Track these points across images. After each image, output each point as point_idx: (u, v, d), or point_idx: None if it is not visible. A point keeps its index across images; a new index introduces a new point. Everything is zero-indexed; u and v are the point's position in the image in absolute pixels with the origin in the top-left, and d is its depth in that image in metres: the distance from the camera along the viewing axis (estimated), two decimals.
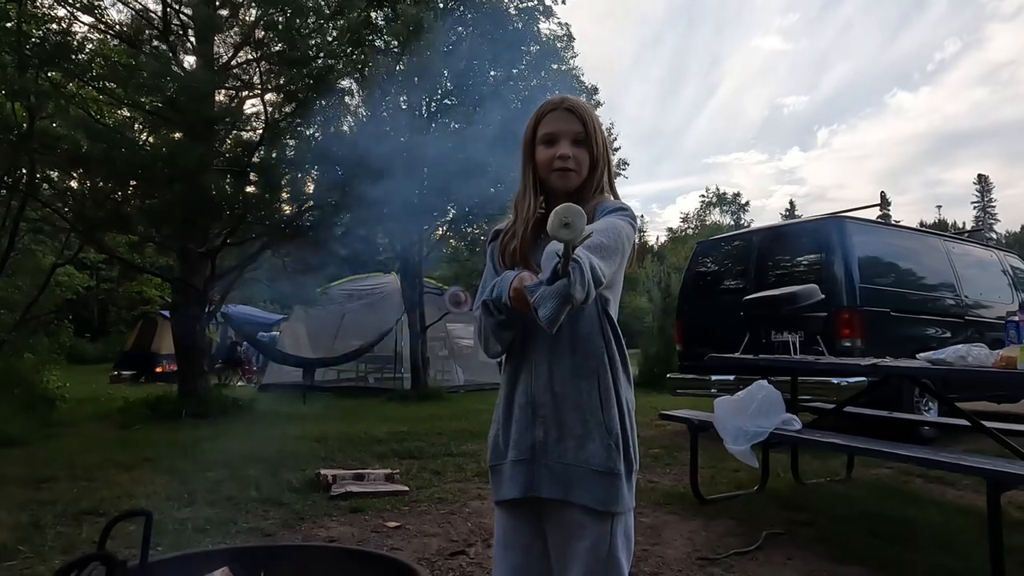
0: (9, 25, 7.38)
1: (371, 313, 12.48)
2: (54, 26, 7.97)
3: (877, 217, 9.76)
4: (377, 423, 7.29)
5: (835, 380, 5.50)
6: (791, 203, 57.32)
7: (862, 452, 3.45)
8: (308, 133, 8.86)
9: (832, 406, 4.49)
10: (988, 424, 3.65)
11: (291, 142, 8.81)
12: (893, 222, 11.27)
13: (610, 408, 1.42)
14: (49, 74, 7.86)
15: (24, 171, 8.17)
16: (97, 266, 18.98)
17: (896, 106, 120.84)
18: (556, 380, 1.45)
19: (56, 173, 9.02)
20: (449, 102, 11.27)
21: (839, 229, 6.15)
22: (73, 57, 7.75)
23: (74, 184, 9.33)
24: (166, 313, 14.31)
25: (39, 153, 7.72)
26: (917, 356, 3.45)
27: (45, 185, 8.83)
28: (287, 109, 8.16)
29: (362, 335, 11.89)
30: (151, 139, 9.19)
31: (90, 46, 8.60)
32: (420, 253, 11.43)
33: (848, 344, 5.70)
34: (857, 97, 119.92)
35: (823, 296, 4.45)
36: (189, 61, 8.67)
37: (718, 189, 60.13)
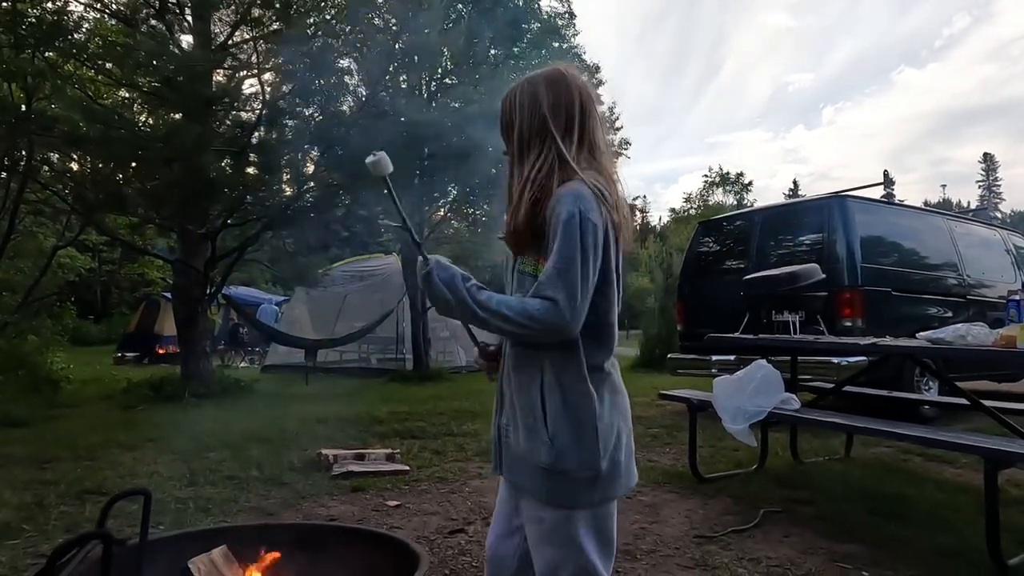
0: (5, 4, 7.31)
1: (373, 294, 12.49)
2: (50, 4, 7.89)
3: (880, 196, 9.69)
4: (379, 403, 7.33)
5: (835, 360, 5.50)
6: (795, 182, 57.02)
7: (861, 431, 3.46)
8: (307, 113, 8.80)
9: (831, 386, 4.48)
10: (988, 403, 3.65)
11: (290, 123, 8.75)
12: (896, 201, 11.20)
13: (553, 407, 1.38)
14: (46, 54, 7.80)
15: (23, 153, 8.15)
16: (99, 248, 19.02)
17: (903, 83, 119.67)
18: (510, 370, 1.48)
19: (55, 155, 8.98)
20: (449, 81, 11.17)
21: (841, 208, 6.10)
22: (70, 37, 7.68)
23: (73, 166, 9.30)
24: (168, 295, 14.34)
25: (37, 135, 7.69)
26: (917, 336, 3.44)
27: (44, 167, 8.81)
28: (285, 89, 8.09)
29: (364, 316, 11.92)
30: (149, 120, 9.13)
31: (87, 25, 8.54)
32: (421, 234, 11.40)
33: (849, 324, 5.69)
34: (863, 74, 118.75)
35: (823, 276, 4.43)
36: (186, 40, 8.60)
37: (721, 168, 59.81)
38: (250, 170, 8.45)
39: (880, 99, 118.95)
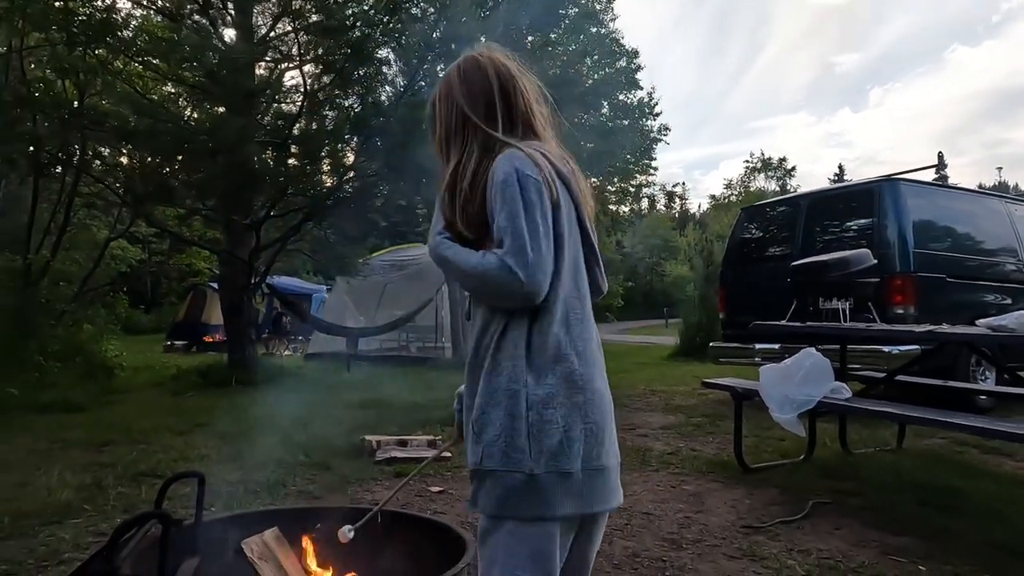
0: (57, 4, 7.53)
1: (411, 283, 12.60)
2: (99, 3, 8.11)
3: (933, 179, 9.34)
4: (419, 391, 7.40)
5: (885, 348, 5.34)
6: (840, 167, 55.23)
7: (915, 421, 3.35)
8: (346, 104, 8.88)
9: (883, 375, 4.35)
10: None
11: (330, 113, 8.85)
12: (951, 184, 10.77)
13: (484, 393, 1.25)
14: (96, 51, 8.03)
15: (76, 147, 8.42)
16: (148, 239, 19.59)
17: (956, 62, 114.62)
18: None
19: (106, 149, 9.27)
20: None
21: (892, 192, 5.90)
22: (119, 33, 7.88)
23: (123, 159, 9.58)
24: (214, 285, 14.73)
25: (90, 129, 7.93)
26: (976, 323, 3.31)
27: (96, 161, 9.09)
28: (326, 80, 8.17)
29: (403, 305, 12.03)
30: (194, 114, 9.35)
31: (134, 22, 8.75)
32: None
33: (900, 311, 5.51)
34: (913, 54, 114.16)
35: (875, 261, 4.29)
36: (229, 34, 8.75)
37: (763, 154, 58.48)
38: (291, 161, 8.59)
39: (931, 79, 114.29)
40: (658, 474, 3.92)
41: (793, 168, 52.60)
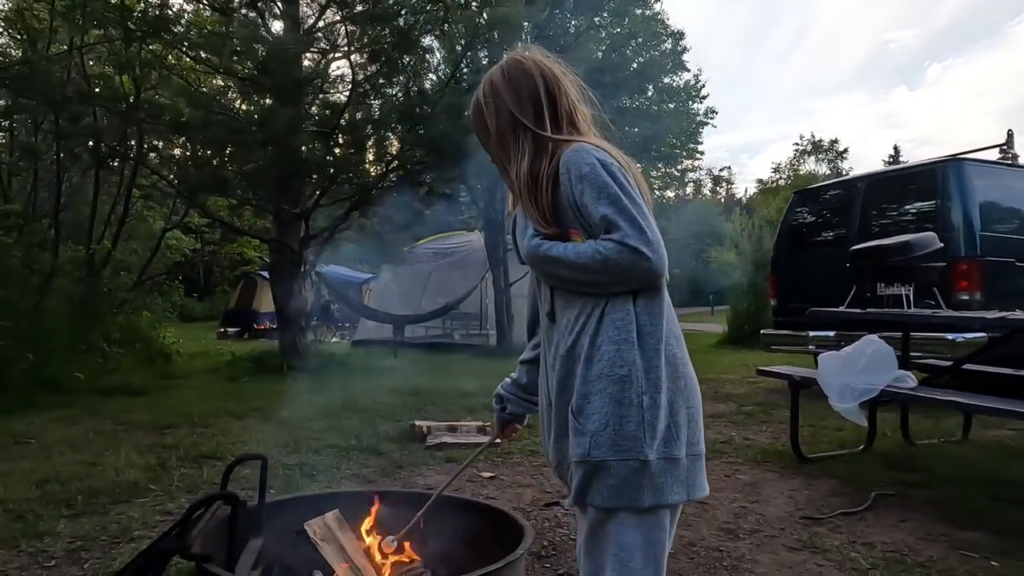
0: (113, 1, 7.77)
1: (455, 271, 12.69)
2: None
3: (1000, 158, 8.89)
4: (465, 377, 7.44)
5: (949, 336, 5.13)
6: (895, 148, 53.01)
7: (987, 411, 3.20)
8: (392, 92, 8.93)
9: (948, 363, 4.18)
10: None
11: (376, 102, 8.92)
12: (1020, 164, 10.22)
13: (585, 382, 1.24)
14: (151, 46, 8.26)
15: (133, 141, 8.70)
16: (201, 229, 20.19)
17: (1022, 35, 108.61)
18: (545, 346, 1.39)
19: (161, 142, 9.55)
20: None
21: (957, 172, 5.65)
22: (172, 28, 8.08)
23: (177, 151, 9.86)
24: (265, 273, 15.10)
25: (146, 123, 8.17)
26: None
27: (152, 153, 9.38)
28: (372, 69, 8.23)
29: (447, 293, 12.12)
30: (243, 105, 9.55)
31: (186, 16, 8.96)
32: (503, 211, 11.43)
33: (966, 297, 5.28)
34: (974, 28, 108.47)
35: (941, 245, 4.11)
36: (276, 26, 8.89)
37: (813, 136, 56.67)
38: (338, 150, 8.70)
39: (994, 54, 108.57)
40: (711, 463, 3.86)
41: (845, 150, 50.75)
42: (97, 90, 8.27)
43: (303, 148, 7.78)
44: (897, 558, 2.52)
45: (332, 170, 8.33)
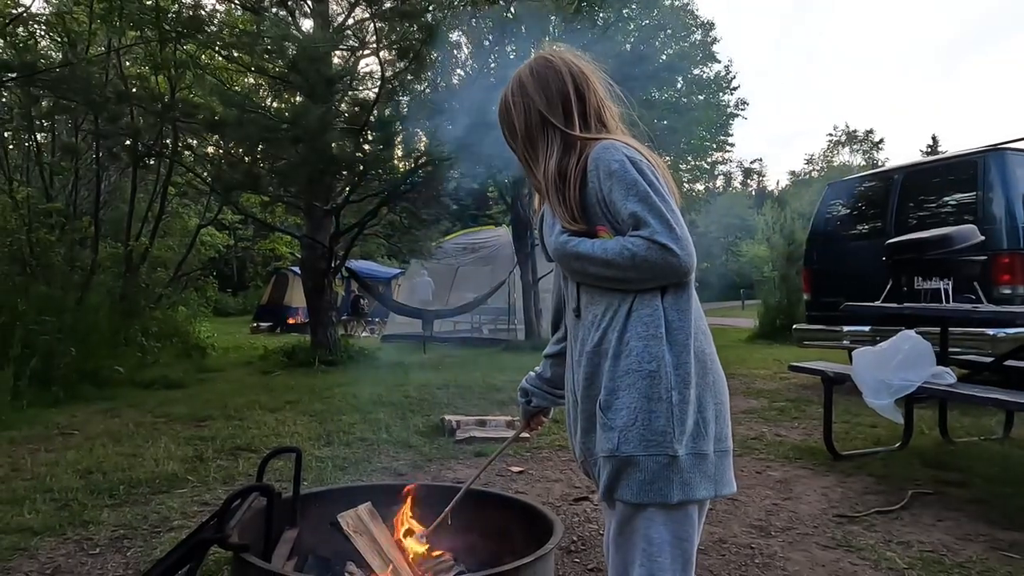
0: (148, 2, 7.94)
1: (483, 266, 12.74)
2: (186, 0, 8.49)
3: None
4: (494, 372, 7.48)
5: (991, 331, 5.00)
6: (933, 138, 51.61)
7: None
8: (420, 88, 8.97)
9: (989, 359, 4.07)
10: None
11: (404, 99, 8.98)
12: None
13: (613, 378, 1.24)
14: (185, 46, 8.43)
15: (168, 139, 8.89)
16: (234, 226, 20.57)
17: None
18: (571, 340, 1.39)
19: (195, 140, 9.75)
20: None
21: (999, 163, 5.48)
22: (205, 28, 8.23)
23: (211, 149, 10.06)
24: (296, 269, 15.32)
25: (181, 121, 8.34)
26: None
27: (187, 151, 9.58)
28: (400, 65, 8.28)
29: (476, 288, 12.18)
30: (275, 103, 9.69)
31: (218, 17, 9.12)
32: (531, 206, 11.42)
33: (1008, 291, 5.14)
34: (1017, 13, 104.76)
35: (982, 238, 3.99)
36: (306, 25, 8.99)
37: (847, 126, 55.46)
38: (367, 147, 8.78)
39: None
40: (742, 459, 3.81)
41: (880, 141, 49.60)
42: (134, 90, 8.46)
43: (333, 145, 7.87)
44: (935, 558, 2.47)
45: (361, 166, 8.41)
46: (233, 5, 9.29)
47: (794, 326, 7.31)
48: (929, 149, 44.75)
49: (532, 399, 1.66)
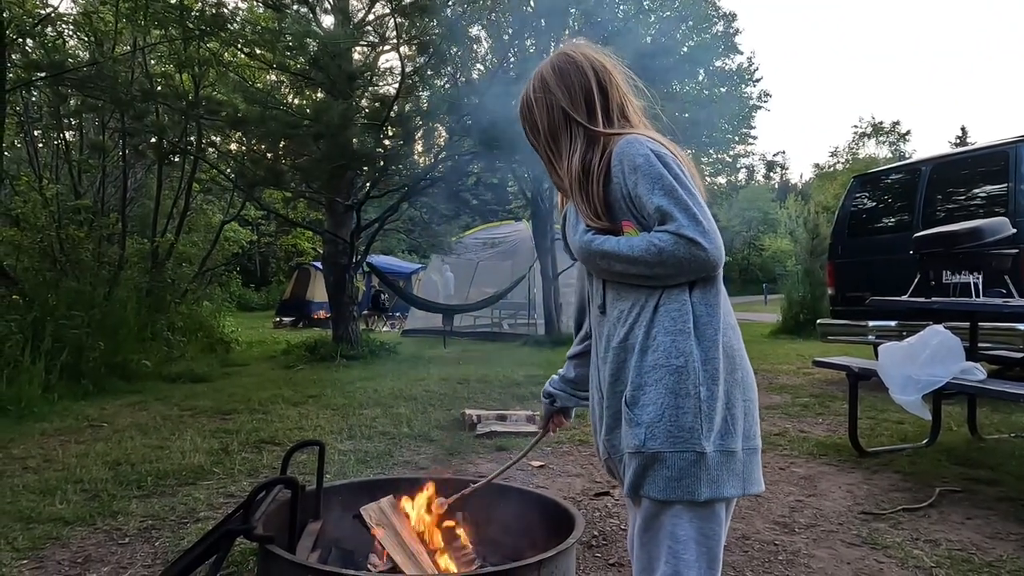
0: (172, 1, 8.03)
1: (503, 261, 12.74)
2: None
3: None
4: (514, 367, 7.48)
5: (1021, 326, 4.88)
6: (963, 130, 50.42)
7: None
8: (440, 83, 8.98)
9: (1021, 355, 3.98)
10: None
11: (424, 94, 9.00)
12: None
13: (639, 372, 1.23)
14: (208, 44, 8.52)
15: (193, 136, 9.01)
16: (257, 222, 20.82)
17: None
18: (596, 337, 1.39)
19: (219, 137, 9.87)
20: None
21: None
22: (228, 26, 8.31)
23: (234, 146, 10.17)
24: (318, 264, 15.46)
25: (205, 119, 8.45)
26: None
27: (211, 148, 9.70)
28: (420, 61, 8.30)
29: (496, 282, 12.20)
30: (297, 100, 9.76)
31: (241, 14, 9.20)
32: (551, 200, 11.39)
33: None
34: None
35: (1014, 231, 3.90)
36: (327, 21, 9.05)
37: (873, 118, 54.42)
38: (387, 142, 8.82)
39: None
40: (765, 455, 3.78)
41: (907, 132, 48.53)
42: (159, 88, 8.58)
43: (354, 141, 7.91)
44: (964, 556, 2.43)
45: (382, 162, 8.45)
46: (255, 3, 9.38)
47: (818, 321, 7.21)
48: (958, 140, 43.78)
49: (556, 400, 1.65)
